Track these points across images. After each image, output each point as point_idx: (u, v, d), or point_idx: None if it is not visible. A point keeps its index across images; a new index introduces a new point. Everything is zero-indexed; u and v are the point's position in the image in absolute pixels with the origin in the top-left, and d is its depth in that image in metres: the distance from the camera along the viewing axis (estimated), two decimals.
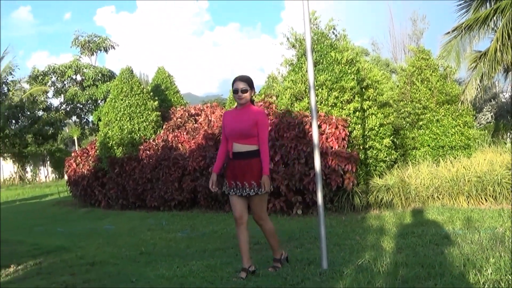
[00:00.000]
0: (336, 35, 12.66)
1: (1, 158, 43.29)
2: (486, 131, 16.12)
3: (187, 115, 15.26)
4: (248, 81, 5.43)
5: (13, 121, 41.78)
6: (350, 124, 10.89)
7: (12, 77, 42.45)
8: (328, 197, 10.28)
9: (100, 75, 41.74)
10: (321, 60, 11.40)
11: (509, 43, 12.45)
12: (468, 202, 9.75)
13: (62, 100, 44.63)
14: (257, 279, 5.23)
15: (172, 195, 12.96)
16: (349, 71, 11.28)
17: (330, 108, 10.99)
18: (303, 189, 10.31)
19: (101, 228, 11.40)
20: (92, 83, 41.65)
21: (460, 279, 4.61)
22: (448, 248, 6.00)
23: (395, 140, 12.15)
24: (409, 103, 12.83)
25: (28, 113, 42.56)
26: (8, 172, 43.11)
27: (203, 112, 15.36)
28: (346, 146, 10.54)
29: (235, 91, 5.39)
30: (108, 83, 38.85)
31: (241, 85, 5.36)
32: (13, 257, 7.48)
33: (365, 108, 11.22)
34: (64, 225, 12.80)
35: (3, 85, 42.02)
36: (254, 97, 5.65)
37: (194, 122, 15.03)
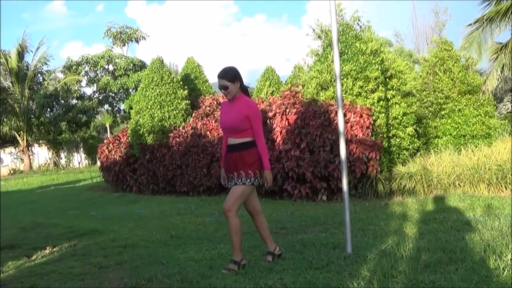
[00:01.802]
0: (360, 26, 12.63)
1: (37, 145, 44.13)
2: (506, 121, 16.03)
3: (215, 103, 15.27)
4: (227, 75, 5.16)
5: (48, 109, 42.42)
6: (374, 113, 10.95)
7: (47, 67, 43.17)
8: (352, 184, 10.35)
9: (131, 65, 42.23)
10: (346, 51, 11.45)
11: None
12: (489, 189, 9.77)
13: (95, 89, 45.33)
14: (284, 262, 5.26)
15: (201, 181, 13.11)
16: (373, 61, 11.34)
17: (354, 97, 11.07)
18: (328, 176, 10.43)
19: (133, 212, 11.52)
20: (123, 72, 42.17)
21: (480, 264, 4.61)
22: (469, 234, 6.04)
23: (418, 128, 12.18)
24: (432, 93, 12.83)
25: (63, 101, 43.28)
26: (43, 158, 43.77)
27: None
28: (370, 134, 10.59)
29: (219, 89, 5.22)
30: (139, 72, 39.28)
31: (221, 82, 5.14)
32: (48, 239, 7.57)
33: (389, 98, 11.25)
34: (97, 209, 13.00)
35: (39, 75, 42.78)
36: (241, 85, 5.27)
37: None
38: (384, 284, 4.22)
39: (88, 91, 46.62)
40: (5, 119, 40.77)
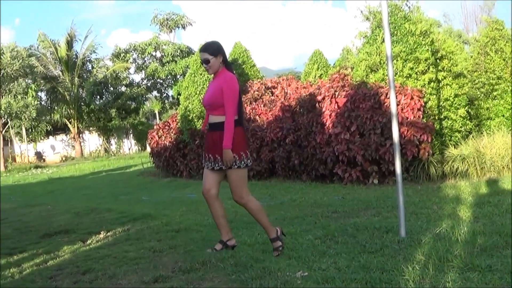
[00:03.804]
0: (409, 7, 12.46)
1: (88, 132, 45.17)
2: None
3: (263, 88, 15.29)
4: (209, 48, 4.97)
5: (98, 96, 43.38)
6: (425, 95, 10.76)
7: (96, 55, 44.09)
8: (404, 167, 10.17)
9: (178, 51, 42.67)
10: (395, 32, 11.27)
11: None
12: None
13: (143, 76, 46.07)
14: (337, 246, 5.20)
15: (251, 165, 13.19)
16: (423, 42, 11.12)
17: (405, 79, 10.91)
18: (379, 159, 10.33)
19: (184, 197, 11.67)
20: (171, 59, 42.65)
21: None
22: None
23: (469, 110, 11.89)
24: (483, 73, 12.42)
25: (112, 88, 44.20)
26: (94, 145, 44.80)
27: (279, 85, 15.37)
28: (421, 116, 10.42)
29: (201, 63, 5.04)
30: (187, 58, 39.66)
31: (203, 56, 4.96)
32: (102, 224, 7.73)
33: (440, 79, 11.04)
34: (149, 194, 13.19)
35: (87, 63, 43.70)
36: (223, 63, 5.08)
37: (270, 95, 15.07)
38: (440, 268, 4.16)
39: (137, 78, 47.47)
40: (56, 107, 41.92)
